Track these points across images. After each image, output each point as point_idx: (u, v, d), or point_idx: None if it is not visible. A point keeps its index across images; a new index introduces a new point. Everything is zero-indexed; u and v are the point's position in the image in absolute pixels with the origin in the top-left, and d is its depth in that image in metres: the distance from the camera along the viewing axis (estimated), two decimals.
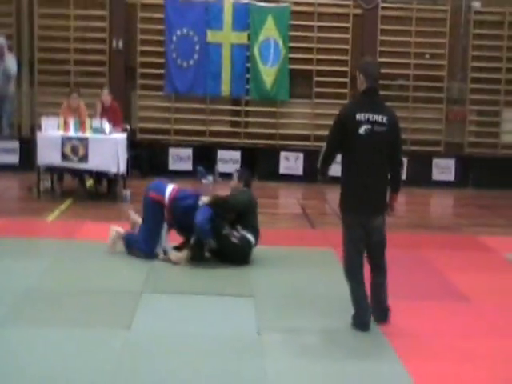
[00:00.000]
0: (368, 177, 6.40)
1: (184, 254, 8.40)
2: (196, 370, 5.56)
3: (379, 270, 6.71)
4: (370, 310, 6.64)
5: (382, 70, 16.03)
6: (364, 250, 6.63)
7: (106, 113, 12.77)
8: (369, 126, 6.31)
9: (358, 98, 6.65)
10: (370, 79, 6.46)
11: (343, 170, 6.53)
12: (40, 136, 12.03)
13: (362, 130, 6.31)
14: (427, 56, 16.38)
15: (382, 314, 6.74)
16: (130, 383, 5.30)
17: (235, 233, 8.42)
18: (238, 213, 8.54)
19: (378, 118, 6.32)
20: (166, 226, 8.59)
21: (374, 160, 6.40)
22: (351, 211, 6.48)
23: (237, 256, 8.43)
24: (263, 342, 6.14)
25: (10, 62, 15.03)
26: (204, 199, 8.41)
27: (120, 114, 13.17)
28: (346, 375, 5.64)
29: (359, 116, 6.32)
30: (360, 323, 6.57)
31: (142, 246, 8.55)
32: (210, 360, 5.76)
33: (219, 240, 8.40)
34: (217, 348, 6.00)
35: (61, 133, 11.94)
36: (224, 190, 9.11)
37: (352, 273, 6.57)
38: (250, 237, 8.45)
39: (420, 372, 5.74)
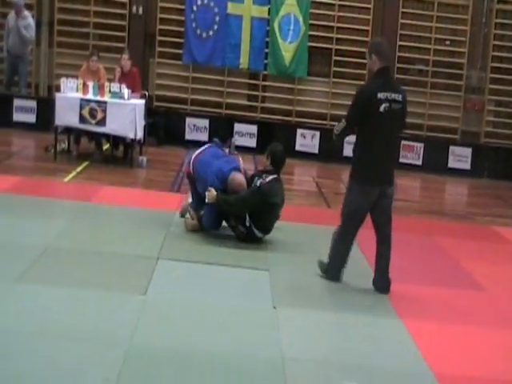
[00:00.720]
0: (385, 150, 6.87)
1: (196, 223, 8.43)
2: (211, 337, 5.61)
3: (386, 240, 7.05)
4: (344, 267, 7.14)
5: (402, 54, 16.08)
6: (362, 224, 7.03)
7: (124, 78, 12.68)
8: (387, 104, 6.70)
9: (375, 78, 6.94)
10: (384, 58, 6.85)
11: (362, 146, 6.87)
12: (59, 97, 12.02)
13: (382, 108, 6.69)
14: (447, 42, 16.27)
15: (385, 286, 7.06)
16: (144, 347, 5.32)
17: (241, 227, 8.18)
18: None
19: (395, 96, 6.77)
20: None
21: (390, 135, 6.87)
22: (368, 183, 6.84)
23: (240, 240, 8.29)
24: (279, 315, 6.17)
25: (27, 22, 14.87)
26: (209, 195, 8.05)
27: (139, 80, 13.10)
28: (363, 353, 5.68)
29: (380, 95, 6.70)
30: (335, 275, 7.13)
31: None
32: (225, 329, 5.81)
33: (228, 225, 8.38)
34: (232, 317, 6.06)
35: (80, 95, 11.92)
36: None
37: (347, 235, 7.04)
38: (258, 233, 8.22)
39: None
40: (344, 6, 16.10)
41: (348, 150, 14.80)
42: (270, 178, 8.15)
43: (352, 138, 7.18)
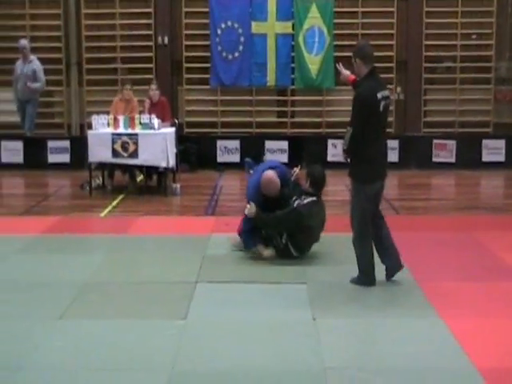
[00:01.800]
0: (384, 145, 7.26)
1: (271, 251, 8.27)
2: (253, 354, 5.66)
3: (383, 219, 7.37)
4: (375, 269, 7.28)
5: (429, 53, 16.05)
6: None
7: (154, 108, 12.80)
8: (383, 102, 7.00)
9: (368, 80, 7.05)
10: (370, 60, 7.06)
11: (365, 145, 6.97)
12: (91, 134, 12.24)
13: (381, 107, 6.99)
14: (474, 36, 16.17)
15: (397, 263, 7.33)
16: (187, 371, 5.38)
17: (278, 239, 8.20)
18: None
19: (387, 93, 7.13)
20: None
21: (385, 130, 7.31)
22: (375, 180, 7.12)
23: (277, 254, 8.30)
24: (319, 326, 6.19)
25: (32, 67, 15.05)
26: (249, 209, 8.12)
27: (168, 109, 13.21)
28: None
29: (379, 95, 6.96)
30: (371, 280, 7.22)
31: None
32: (267, 344, 5.85)
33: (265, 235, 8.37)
34: (273, 333, 6.09)
35: (111, 130, 12.11)
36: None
37: (367, 238, 7.19)
38: (294, 251, 8.18)
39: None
40: (367, 13, 16.11)
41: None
42: (309, 200, 8.07)
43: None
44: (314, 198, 8.11)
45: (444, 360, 5.54)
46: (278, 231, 8.15)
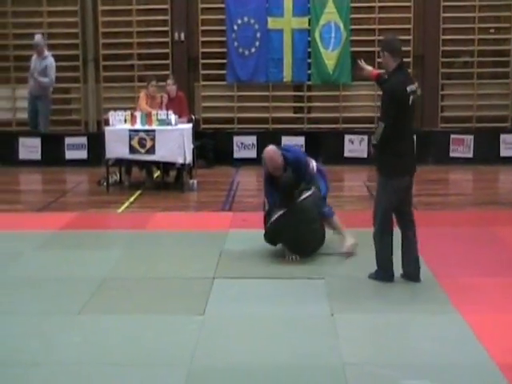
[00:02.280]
0: (412, 139, 7.30)
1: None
2: (271, 349, 5.65)
3: (412, 222, 7.27)
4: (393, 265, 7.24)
5: (446, 48, 15.97)
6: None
7: (171, 104, 12.80)
8: (411, 96, 6.96)
9: (397, 74, 7.03)
10: (399, 53, 7.03)
11: (394, 140, 6.93)
12: (108, 130, 12.28)
13: (410, 101, 6.95)
14: (492, 30, 16.08)
15: (415, 273, 7.21)
16: (206, 366, 5.38)
17: None
18: None
19: (415, 87, 7.08)
20: None
21: (413, 124, 7.35)
22: (404, 175, 7.07)
23: None
24: (337, 322, 6.18)
25: (45, 64, 15.01)
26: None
27: (186, 104, 13.20)
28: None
29: (408, 89, 6.91)
30: (389, 276, 7.19)
31: None
32: (285, 340, 5.84)
33: None
34: (291, 328, 6.09)
35: (128, 126, 12.14)
36: None
37: (387, 234, 7.15)
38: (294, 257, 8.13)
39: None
40: (384, 8, 16.03)
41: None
42: (277, 215, 7.96)
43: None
44: (281, 212, 7.93)
45: (463, 355, 5.53)
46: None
